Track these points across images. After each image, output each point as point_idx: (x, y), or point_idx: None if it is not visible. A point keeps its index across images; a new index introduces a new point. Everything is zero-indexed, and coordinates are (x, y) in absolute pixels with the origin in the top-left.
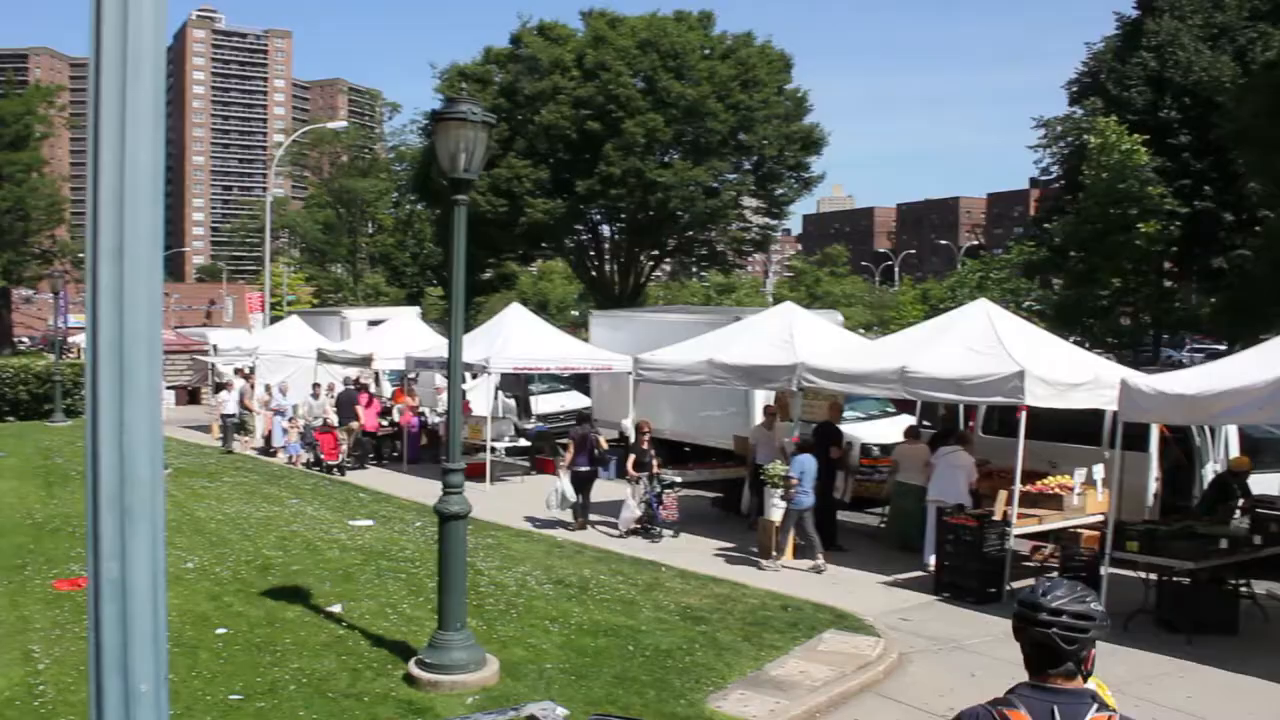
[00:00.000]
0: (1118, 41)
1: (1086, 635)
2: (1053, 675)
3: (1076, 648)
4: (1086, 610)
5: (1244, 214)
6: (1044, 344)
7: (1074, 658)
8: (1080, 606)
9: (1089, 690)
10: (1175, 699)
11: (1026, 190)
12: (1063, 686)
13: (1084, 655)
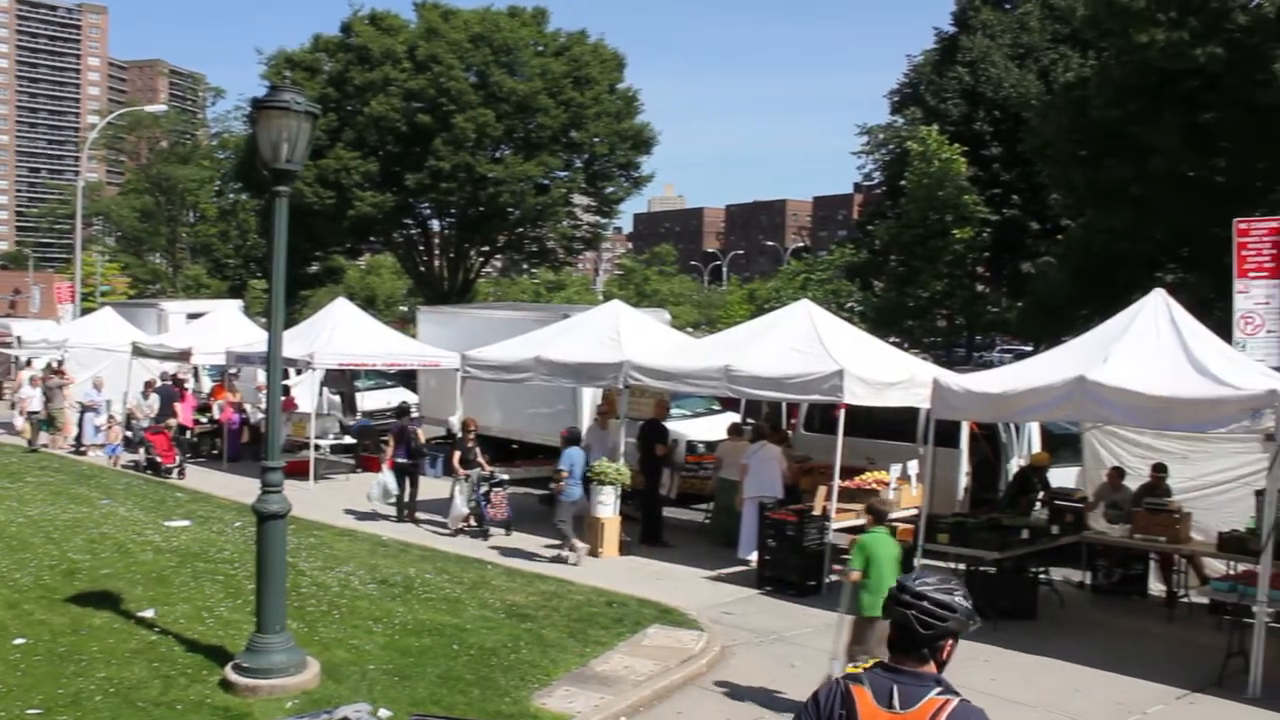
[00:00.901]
0: (936, 55)
1: (943, 624)
2: (906, 658)
3: (932, 634)
4: (948, 601)
5: (1048, 223)
6: (863, 344)
7: (928, 643)
8: (943, 596)
9: (934, 675)
10: (980, 682)
11: (851, 194)
12: (911, 669)
13: (940, 644)
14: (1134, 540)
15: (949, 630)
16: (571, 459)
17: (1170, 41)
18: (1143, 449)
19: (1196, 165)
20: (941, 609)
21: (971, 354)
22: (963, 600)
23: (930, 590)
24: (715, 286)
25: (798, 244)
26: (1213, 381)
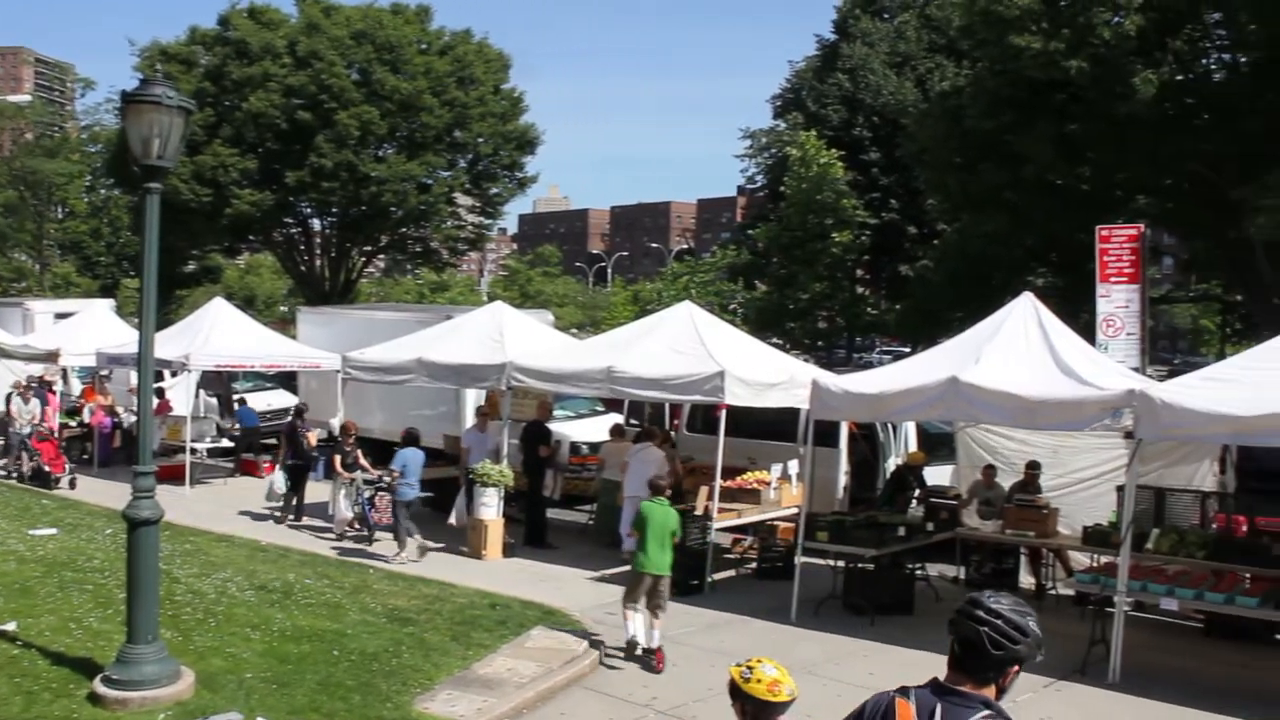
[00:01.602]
0: (817, 62)
1: (1014, 646)
2: (968, 679)
3: (1002, 655)
4: (1023, 624)
5: (925, 227)
6: (744, 345)
7: (996, 666)
8: (1018, 618)
9: (984, 699)
10: (859, 676)
11: (734, 197)
12: (963, 689)
13: (1006, 669)
14: (1005, 535)
15: (1019, 655)
16: (404, 459)
17: (1042, 52)
18: (1015, 445)
19: (1065, 174)
20: (1016, 631)
21: (851, 355)
22: (1035, 626)
23: (1006, 610)
24: (600, 288)
25: (682, 246)
26: (1077, 382)
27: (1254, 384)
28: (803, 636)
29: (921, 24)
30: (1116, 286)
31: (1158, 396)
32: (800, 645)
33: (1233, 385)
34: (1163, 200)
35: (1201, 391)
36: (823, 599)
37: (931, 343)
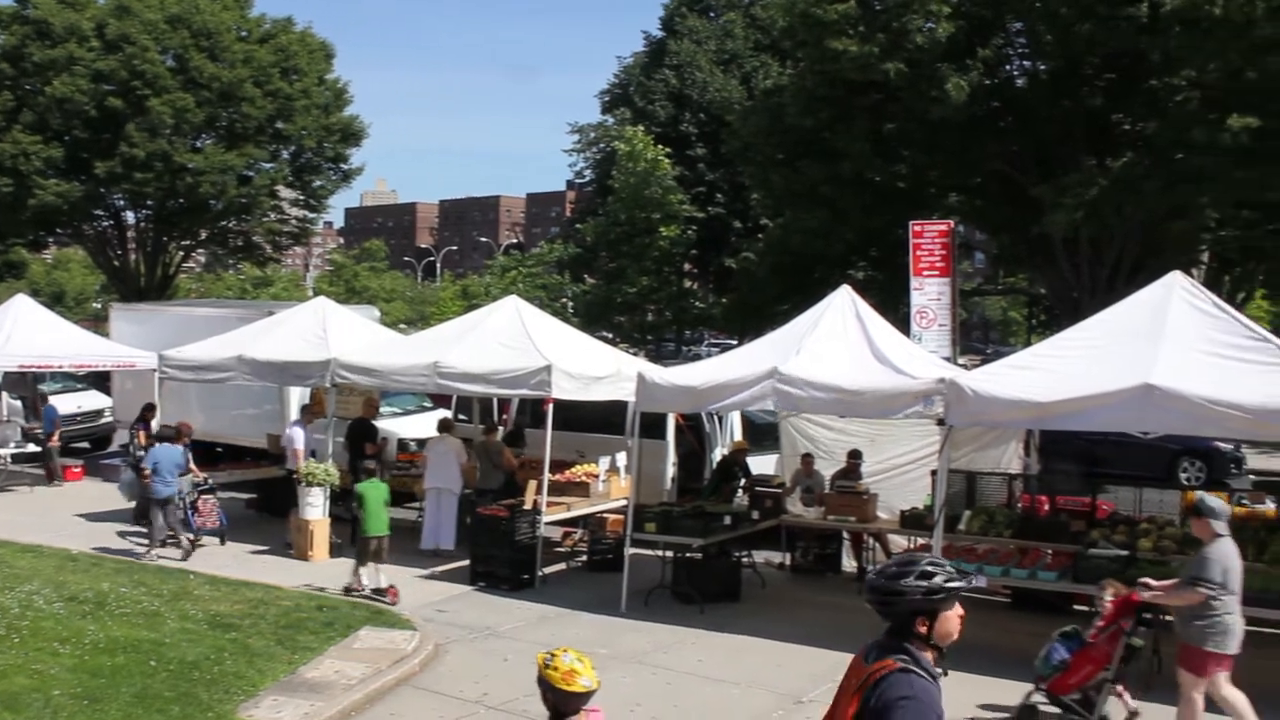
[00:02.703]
0: (645, 59)
1: (893, 607)
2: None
3: (891, 615)
4: (890, 586)
5: (749, 222)
6: (571, 339)
7: (899, 623)
8: (887, 582)
9: (904, 644)
10: (688, 664)
11: (564, 192)
12: (886, 641)
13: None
14: (827, 521)
15: (904, 610)
16: (155, 457)
17: (859, 55)
18: (835, 433)
19: (881, 171)
20: (888, 595)
21: (680, 348)
22: (915, 580)
23: (876, 580)
24: (428, 283)
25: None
26: (892, 371)
27: (1053, 371)
28: (632, 627)
29: (747, 23)
30: (929, 280)
31: (966, 384)
32: (630, 636)
33: (1034, 373)
34: (972, 198)
35: (1006, 379)
36: (652, 589)
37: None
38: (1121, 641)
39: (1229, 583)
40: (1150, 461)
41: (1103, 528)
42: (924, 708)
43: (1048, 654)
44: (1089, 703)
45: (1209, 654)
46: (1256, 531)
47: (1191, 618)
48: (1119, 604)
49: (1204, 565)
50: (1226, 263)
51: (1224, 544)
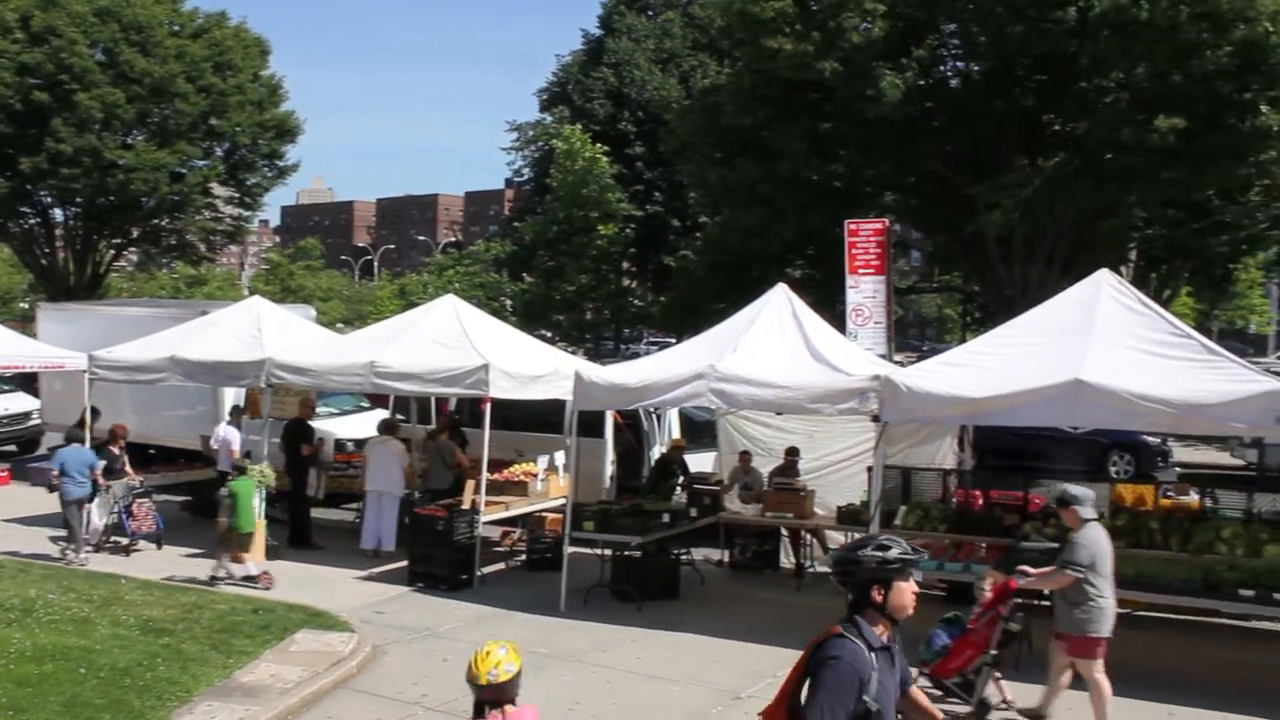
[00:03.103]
0: (583, 57)
1: (851, 578)
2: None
3: (848, 586)
4: (846, 557)
5: (688, 220)
6: (508, 338)
7: (854, 593)
8: (844, 554)
9: (854, 614)
10: (627, 662)
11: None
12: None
13: (866, 593)
14: (765, 518)
15: (860, 580)
16: (62, 459)
17: (794, 53)
18: (773, 431)
19: (818, 170)
20: (848, 564)
21: (619, 346)
22: (872, 550)
23: (838, 553)
24: (366, 282)
25: (450, 239)
26: (828, 368)
27: (986, 368)
28: (571, 626)
29: (686, 22)
30: (864, 278)
31: (901, 381)
32: (569, 634)
33: (967, 370)
34: (908, 197)
35: (940, 376)
36: (591, 588)
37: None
38: (999, 627)
39: (1098, 566)
40: (1081, 455)
41: (1035, 521)
42: (844, 667)
43: (930, 640)
44: (969, 686)
45: (1091, 639)
46: (1181, 523)
47: (1070, 607)
48: (997, 591)
49: (1074, 550)
50: (1154, 261)
51: (1092, 529)
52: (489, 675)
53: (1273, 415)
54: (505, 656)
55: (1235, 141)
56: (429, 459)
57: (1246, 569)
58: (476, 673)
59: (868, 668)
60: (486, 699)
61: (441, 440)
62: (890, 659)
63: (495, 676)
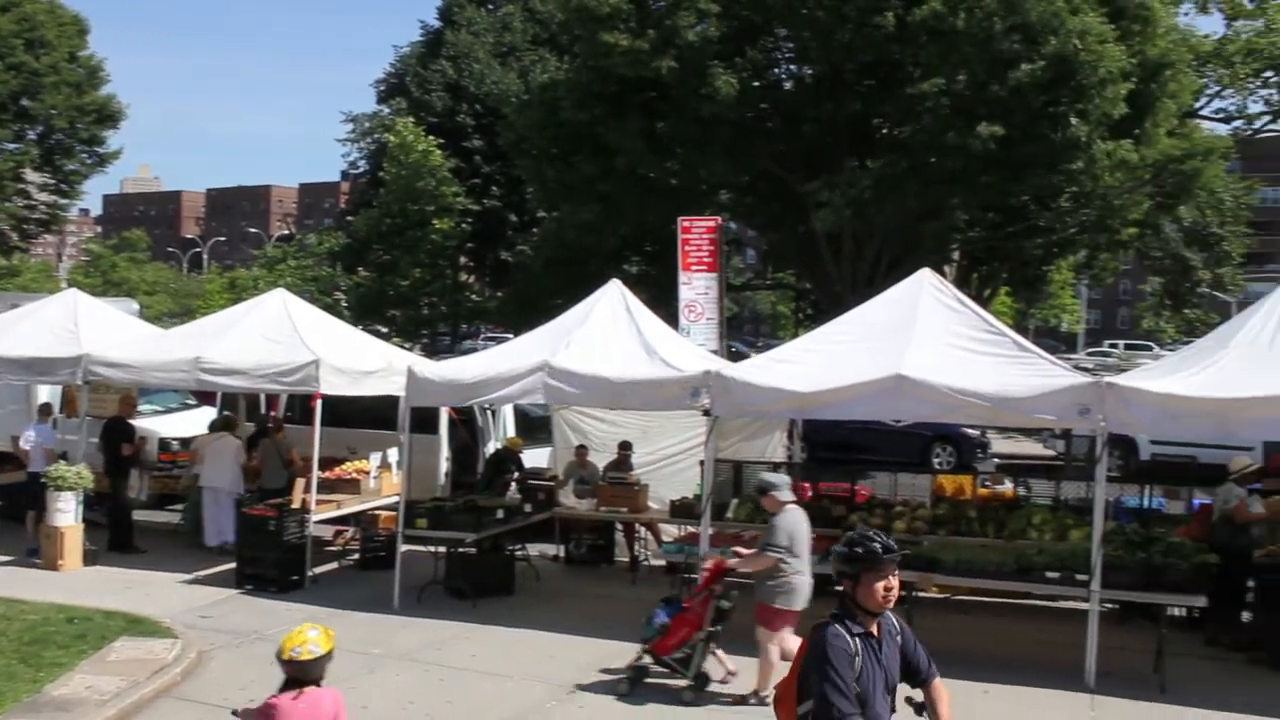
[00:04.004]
0: (422, 48)
1: (836, 571)
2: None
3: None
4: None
5: (526, 215)
6: (340, 333)
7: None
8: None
9: (840, 604)
10: (460, 659)
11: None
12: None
13: (841, 583)
14: (600, 513)
15: (838, 572)
16: None
17: (630, 50)
18: (607, 426)
19: (654, 167)
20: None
21: (456, 342)
22: (839, 548)
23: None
24: (194, 274)
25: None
26: (661, 364)
27: (813, 363)
28: (405, 624)
29: (526, 17)
30: (697, 274)
31: (731, 376)
32: (403, 633)
33: (796, 365)
34: (743, 195)
35: (769, 371)
36: (425, 585)
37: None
38: (713, 605)
39: (795, 547)
40: (905, 448)
41: (861, 512)
42: (823, 646)
43: (651, 618)
44: (688, 661)
45: (778, 610)
46: (997, 511)
47: (766, 579)
48: (712, 570)
49: (773, 533)
50: (975, 261)
51: (790, 512)
52: (292, 651)
53: (1076, 408)
54: (314, 638)
55: (1048, 150)
56: (263, 457)
57: (1053, 553)
58: (281, 648)
59: (845, 648)
60: (289, 674)
61: (277, 438)
62: (876, 647)
63: (298, 654)
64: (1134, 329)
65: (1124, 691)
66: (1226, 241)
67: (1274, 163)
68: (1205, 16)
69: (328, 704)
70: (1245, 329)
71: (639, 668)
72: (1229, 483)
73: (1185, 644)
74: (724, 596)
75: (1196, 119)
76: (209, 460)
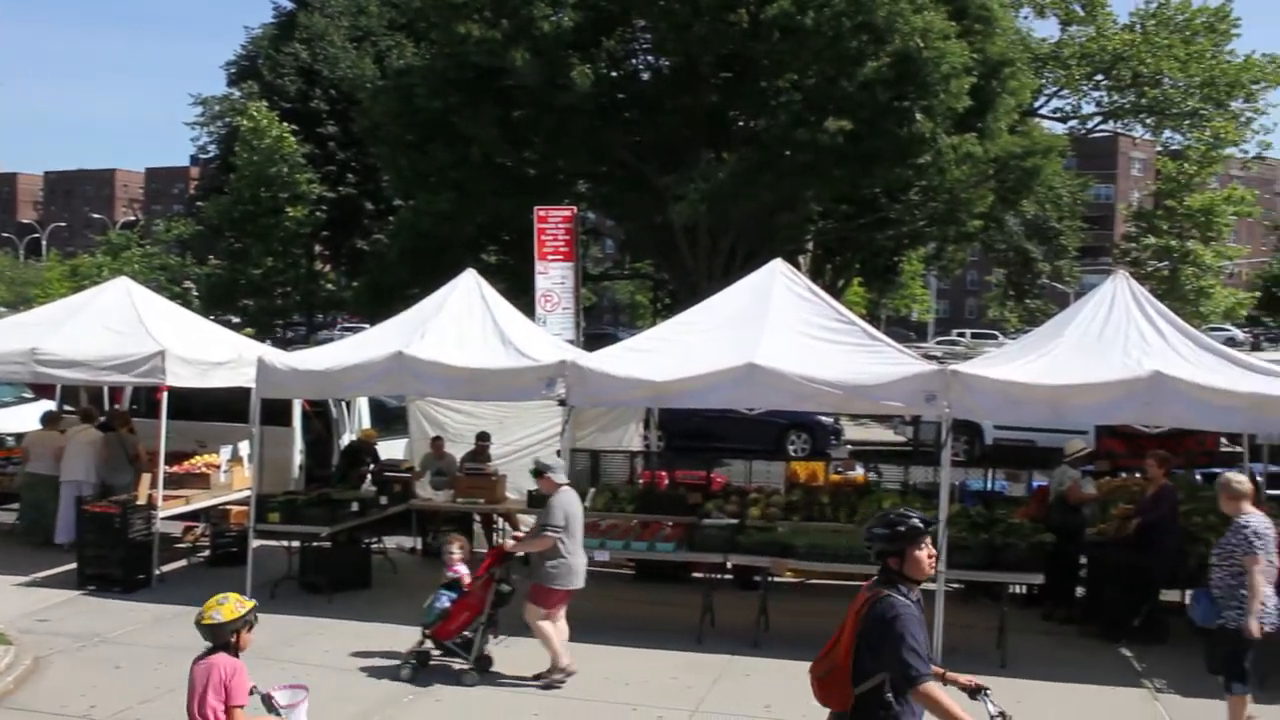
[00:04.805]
0: (274, 30)
1: (871, 546)
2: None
3: (874, 555)
4: (865, 533)
5: (382, 203)
6: (188, 323)
7: (876, 559)
8: (865, 531)
9: (887, 578)
10: (315, 655)
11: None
12: (878, 578)
13: (883, 559)
14: (458, 504)
15: (880, 551)
16: None
17: (485, 39)
18: (463, 417)
19: (510, 156)
20: (867, 540)
21: (312, 332)
22: (879, 528)
23: (862, 530)
24: (33, 262)
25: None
26: (517, 354)
27: (668, 353)
28: (260, 621)
29: (383, 1)
30: (553, 264)
31: (586, 365)
32: (258, 630)
33: (650, 354)
34: (600, 185)
35: (624, 360)
36: (279, 581)
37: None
38: (493, 589)
39: (571, 526)
40: (761, 435)
41: (717, 499)
42: (894, 614)
43: (432, 603)
44: (469, 644)
45: (553, 591)
46: (849, 496)
47: (545, 561)
48: (492, 555)
49: (550, 513)
50: (829, 252)
51: (565, 493)
52: (211, 616)
53: (923, 395)
54: (225, 605)
55: (896, 145)
56: (109, 452)
57: None
58: (200, 614)
59: (918, 614)
60: (205, 639)
61: (123, 433)
62: (920, 614)
63: (200, 618)
64: (981, 318)
65: (968, 667)
66: (1064, 235)
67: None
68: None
69: (212, 671)
70: (1078, 319)
71: (421, 653)
72: (1063, 465)
73: (1025, 620)
74: (505, 580)
75: (1036, 117)
76: (71, 453)
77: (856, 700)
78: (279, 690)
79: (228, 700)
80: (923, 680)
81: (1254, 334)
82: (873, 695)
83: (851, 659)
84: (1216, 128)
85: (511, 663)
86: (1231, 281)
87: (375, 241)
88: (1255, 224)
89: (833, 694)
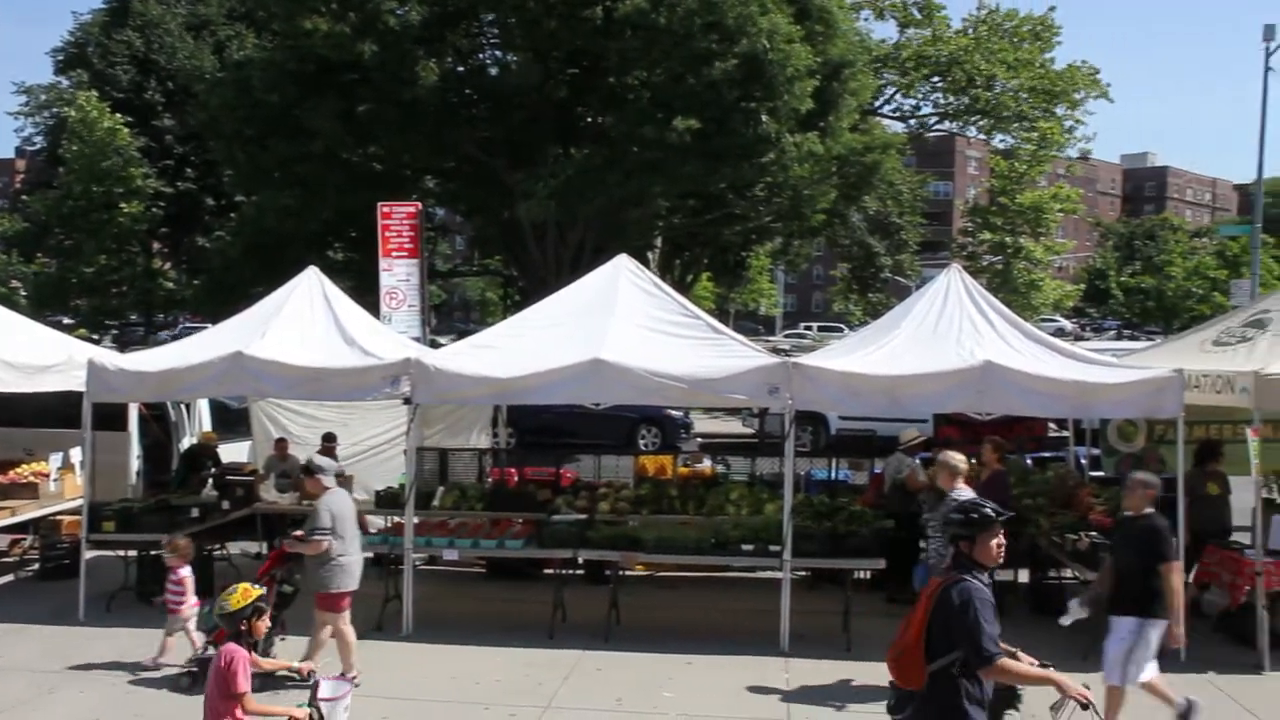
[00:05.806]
0: (106, 16)
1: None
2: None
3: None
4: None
5: (223, 199)
6: (10, 325)
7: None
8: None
9: (957, 564)
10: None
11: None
12: (951, 564)
13: (957, 544)
14: (303, 506)
15: (955, 535)
16: None
17: (331, 32)
18: (307, 418)
19: (354, 151)
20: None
21: (151, 333)
22: (956, 514)
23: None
24: None
25: None
26: (360, 352)
27: (514, 349)
28: (95, 635)
29: None
30: (398, 261)
31: (430, 363)
32: (90, 645)
33: (496, 351)
34: (447, 181)
35: (469, 358)
36: (115, 593)
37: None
38: (275, 589)
39: (340, 528)
40: (612, 430)
41: (566, 495)
42: (982, 594)
43: (210, 609)
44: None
45: (331, 594)
46: (697, 488)
47: (316, 566)
48: (273, 557)
49: (316, 516)
50: (678, 248)
51: (333, 495)
52: (222, 606)
53: (766, 387)
54: (233, 595)
55: (742, 143)
56: None
57: (748, 526)
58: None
59: (990, 597)
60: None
61: None
62: (992, 598)
63: (226, 607)
64: (827, 312)
65: (815, 652)
66: (905, 231)
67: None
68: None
69: (217, 662)
70: (914, 312)
71: (203, 660)
72: (899, 453)
73: (868, 603)
74: (287, 580)
75: (876, 116)
76: None
77: (930, 678)
78: (325, 681)
79: (228, 689)
80: (996, 658)
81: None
82: (944, 673)
83: (924, 640)
84: (1044, 129)
85: None
86: (1060, 275)
87: (217, 239)
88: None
89: (908, 673)
